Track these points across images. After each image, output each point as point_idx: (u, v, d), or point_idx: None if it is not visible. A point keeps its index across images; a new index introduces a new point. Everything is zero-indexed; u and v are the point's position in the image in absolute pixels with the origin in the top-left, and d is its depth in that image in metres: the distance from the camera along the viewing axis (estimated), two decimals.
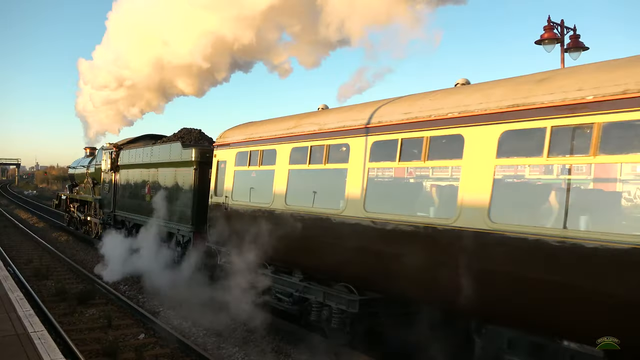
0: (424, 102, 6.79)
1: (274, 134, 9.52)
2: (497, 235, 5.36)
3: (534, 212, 5.87)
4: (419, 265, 6.07)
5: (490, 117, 5.65)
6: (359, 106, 8.33)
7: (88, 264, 16.67)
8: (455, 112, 6.11)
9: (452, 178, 7.37)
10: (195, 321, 10.34)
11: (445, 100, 6.50)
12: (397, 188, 8.68)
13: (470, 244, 5.61)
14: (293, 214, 8.58)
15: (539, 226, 5.30)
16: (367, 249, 7.19)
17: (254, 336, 9.46)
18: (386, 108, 7.38)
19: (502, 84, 6.18)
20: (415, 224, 6.52)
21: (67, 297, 11.79)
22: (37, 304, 10.60)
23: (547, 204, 5.84)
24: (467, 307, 5.70)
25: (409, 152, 6.92)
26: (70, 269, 15.83)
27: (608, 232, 4.62)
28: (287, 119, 9.86)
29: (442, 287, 6.02)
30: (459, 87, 6.96)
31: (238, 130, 11.21)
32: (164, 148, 14.72)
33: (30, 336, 6.96)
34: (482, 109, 5.78)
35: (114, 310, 11.11)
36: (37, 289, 12.35)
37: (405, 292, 6.83)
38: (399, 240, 6.67)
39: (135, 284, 13.70)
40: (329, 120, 8.40)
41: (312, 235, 8.28)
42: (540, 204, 5.98)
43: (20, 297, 9.22)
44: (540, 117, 5.17)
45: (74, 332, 9.40)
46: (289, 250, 8.86)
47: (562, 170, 5.73)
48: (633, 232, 4.68)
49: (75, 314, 10.82)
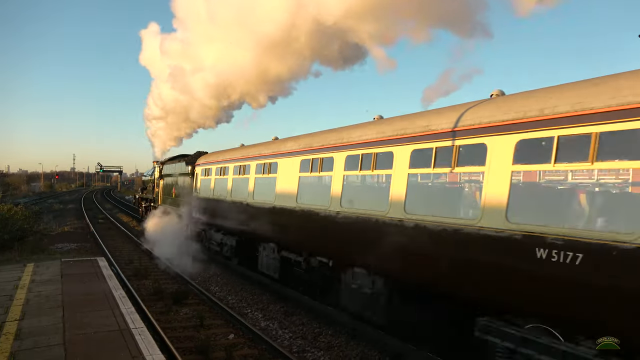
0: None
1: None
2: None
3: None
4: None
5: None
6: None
7: (183, 266, 17.61)
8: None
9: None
10: (281, 323, 10.61)
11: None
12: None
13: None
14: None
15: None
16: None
17: (338, 341, 9.53)
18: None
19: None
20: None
21: (163, 296, 12.51)
22: (136, 302, 11.33)
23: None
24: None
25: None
26: (167, 270, 16.80)
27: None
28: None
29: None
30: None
31: (203, 157, 19.76)
32: (179, 165, 22.75)
33: (132, 332, 7.46)
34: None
35: (206, 310, 11.63)
36: (136, 288, 13.21)
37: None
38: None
39: (225, 286, 14.30)
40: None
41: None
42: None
43: (123, 295, 9.89)
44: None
45: (169, 330, 9.95)
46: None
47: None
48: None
49: (171, 312, 11.45)
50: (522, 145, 6.09)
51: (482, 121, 6.71)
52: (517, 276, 5.90)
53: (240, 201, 14.69)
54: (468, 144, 6.89)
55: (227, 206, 15.69)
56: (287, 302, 12.17)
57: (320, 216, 10.17)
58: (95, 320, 7.99)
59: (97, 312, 8.49)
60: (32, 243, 19.01)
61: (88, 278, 11.35)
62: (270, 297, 12.76)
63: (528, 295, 5.83)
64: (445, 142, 7.19)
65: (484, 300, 6.50)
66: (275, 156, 12.96)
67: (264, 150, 13.77)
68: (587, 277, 5.16)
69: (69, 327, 7.55)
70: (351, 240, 9.19)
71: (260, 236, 13.34)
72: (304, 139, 11.75)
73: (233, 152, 16.61)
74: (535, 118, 5.97)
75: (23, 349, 6.63)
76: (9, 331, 7.29)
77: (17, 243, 17.91)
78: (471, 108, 7.11)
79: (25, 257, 15.10)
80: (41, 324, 7.68)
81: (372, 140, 8.95)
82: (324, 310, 10.95)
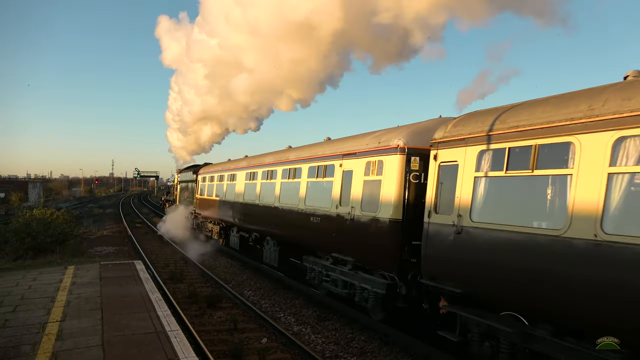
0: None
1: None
2: None
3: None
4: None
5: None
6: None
7: (216, 269, 17.87)
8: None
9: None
10: (314, 328, 10.61)
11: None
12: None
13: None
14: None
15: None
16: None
17: (370, 347, 9.46)
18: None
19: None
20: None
21: (197, 299, 12.69)
22: (172, 305, 11.52)
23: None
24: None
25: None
26: (201, 273, 17.05)
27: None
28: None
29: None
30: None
31: (203, 168, 27.35)
32: (188, 173, 30.76)
33: (168, 334, 7.58)
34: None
35: (239, 314, 11.73)
36: (172, 291, 13.45)
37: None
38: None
39: (258, 290, 14.42)
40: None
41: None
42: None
43: (159, 298, 10.07)
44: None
45: (204, 333, 10.06)
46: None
47: None
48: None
49: (205, 315, 11.60)
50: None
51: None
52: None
53: (228, 200, 21.18)
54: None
55: (217, 203, 22.94)
56: (320, 306, 12.17)
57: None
58: (133, 322, 8.16)
59: (134, 314, 8.67)
60: (73, 246, 19.58)
61: (125, 281, 11.62)
62: (302, 302, 12.79)
63: None
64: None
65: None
66: (251, 167, 18.54)
67: (237, 164, 20.92)
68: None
69: (107, 329, 7.73)
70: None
71: (232, 222, 20.79)
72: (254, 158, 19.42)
73: (224, 164, 23.73)
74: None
75: (64, 349, 6.82)
76: (51, 332, 7.53)
77: (58, 246, 18.48)
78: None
79: (66, 260, 15.57)
80: (81, 325, 7.90)
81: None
82: (357, 316, 10.91)
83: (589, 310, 5.58)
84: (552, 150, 6.32)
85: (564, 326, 6.11)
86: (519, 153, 6.75)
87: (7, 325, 7.87)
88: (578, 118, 5.99)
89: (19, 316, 8.40)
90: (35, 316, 8.40)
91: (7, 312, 8.62)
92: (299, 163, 14.25)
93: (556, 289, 5.90)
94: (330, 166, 12.26)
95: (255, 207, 17.28)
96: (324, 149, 12.88)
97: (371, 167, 10.45)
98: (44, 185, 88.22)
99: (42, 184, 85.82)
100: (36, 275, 12.28)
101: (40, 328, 7.71)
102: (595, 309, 5.50)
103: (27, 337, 7.25)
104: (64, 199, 73.94)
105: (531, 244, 6.24)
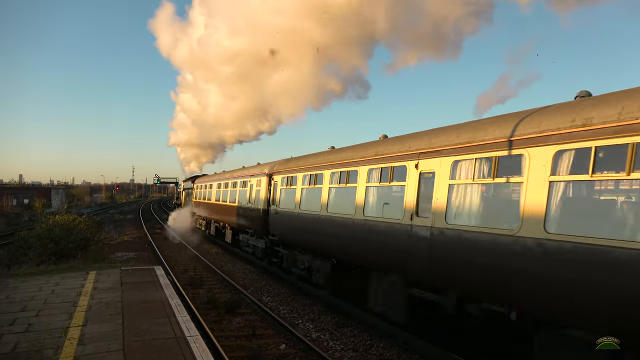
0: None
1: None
2: None
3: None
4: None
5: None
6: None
7: (235, 275, 17.96)
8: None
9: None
10: (332, 334, 10.57)
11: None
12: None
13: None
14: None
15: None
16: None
17: (389, 354, 9.39)
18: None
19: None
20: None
21: (216, 305, 12.73)
22: (191, 310, 11.59)
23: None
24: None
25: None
26: (220, 279, 17.14)
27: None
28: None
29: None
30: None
31: (199, 178, 37.74)
32: (189, 182, 41.50)
33: (187, 340, 7.62)
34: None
35: (258, 320, 11.75)
36: (191, 297, 13.54)
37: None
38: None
39: (277, 296, 14.44)
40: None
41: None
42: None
43: (179, 303, 10.14)
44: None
45: (223, 339, 10.10)
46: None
47: None
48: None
49: (224, 321, 11.65)
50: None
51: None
52: None
53: (217, 203, 26.88)
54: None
55: (209, 205, 29.31)
56: (339, 313, 12.13)
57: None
58: (153, 327, 8.22)
59: (154, 319, 8.74)
60: (94, 252, 19.84)
61: (146, 286, 11.72)
62: (321, 308, 12.76)
63: None
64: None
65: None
66: (244, 177, 21.99)
67: (233, 174, 25.33)
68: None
69: (127, 334, 7.80)
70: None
71: (221, 220, 26.33)
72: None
73: (219, 175, 28.97)
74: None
75: (86, 353, 6.90)
76: (73, 336, 7.63)
77: (80, 252, 18.76)
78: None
79: (88, 265, 15.77)
80: (102, 330, 7.98)
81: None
82: (376, 322, 10.84)
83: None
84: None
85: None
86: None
87: (30, 329, 8.00)
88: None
89: (42, 320, 8.53)
90: (58, 320, 8.52)
91: (30, 317, 8.77)
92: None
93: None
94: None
95: (223, 206, 25.47)
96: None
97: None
98: (67, 191, 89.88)
99: (65, 190, 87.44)
100: (59, 280, 12.46)
101: (62, 332, 7.82)
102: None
103: (50, 341, 7.35)
104: (86, 205, 75.13)
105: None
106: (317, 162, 14.12)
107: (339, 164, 12.49)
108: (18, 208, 62.79)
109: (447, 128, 9.09)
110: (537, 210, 6.45)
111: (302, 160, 15.73)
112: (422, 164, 9.13)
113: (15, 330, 7.90)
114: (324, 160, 13.63)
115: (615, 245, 5.48)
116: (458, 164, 8.20)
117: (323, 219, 12.79)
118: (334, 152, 13.68)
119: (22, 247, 19.15)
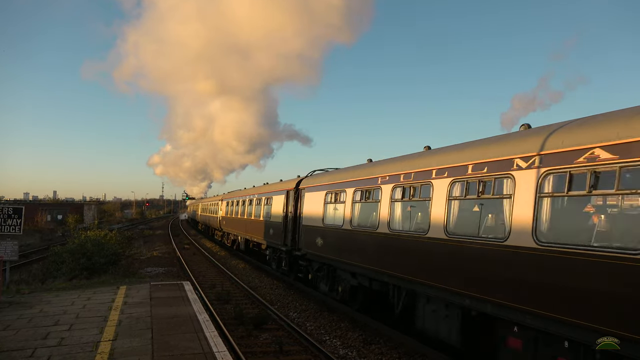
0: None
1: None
2: None
3: None
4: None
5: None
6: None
7: (262, 290, 17.98)
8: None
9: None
10: (360, 352, 10.44)
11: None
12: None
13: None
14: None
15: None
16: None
17: None
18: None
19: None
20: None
21: (243, 320, 12.74)
22: (219, 325, 11.63)
23: None
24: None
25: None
26: (247, 295, 17.18)
27: None
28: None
29: None
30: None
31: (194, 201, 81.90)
32: (190, 199, 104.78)
33: (215, 355, 7.65)
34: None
35: (285, 336, 11.70)
36: (219, 312, 13.59)
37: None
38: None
39: (304, 312, 14.38)
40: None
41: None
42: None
43: (207, 319, 10.20)
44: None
45: (250, 355, 10.08)
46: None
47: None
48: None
49: (251, 337, 11.64)
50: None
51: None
52: None
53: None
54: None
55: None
56: (366, 330, 12.00)
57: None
58: (181, 342, 8.29)
59: (183, 334, 8.81)
60: (125, 267, 20.20)
61: (174, 302, 11.84)
62: (348, 325, 12.65)
63: None
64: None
65: None
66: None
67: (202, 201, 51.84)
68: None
69: (157, 349, 7.88)
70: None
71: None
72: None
73: (207, 199, 48.61)
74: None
75: None
76: (103, 350, 7.74)
77: (111, 267, 19.11)
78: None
79: (119, 280, 16.04)
80: (132, 345, 8.08)
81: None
82: (404, 340, 10.68)
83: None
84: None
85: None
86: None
87: (62, 343, 8.16)
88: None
89: (74, 334, 8.69)
90: (89, 335, 8.67)
91: (63, 331, 8.95)
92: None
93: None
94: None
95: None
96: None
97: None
98: (99, 207, 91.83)
99: (97, 206, 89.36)
100: (90, 295, 12.70)
101: (93, 347, 7.94)
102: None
103: (82, 355, 7.48)
104: (117, 221, 76.65)
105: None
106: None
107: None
108: (52, 224, 64.57)
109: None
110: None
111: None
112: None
113: (49, 344, 8.07)
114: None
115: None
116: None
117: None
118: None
119: (55, 262, 19.64)
